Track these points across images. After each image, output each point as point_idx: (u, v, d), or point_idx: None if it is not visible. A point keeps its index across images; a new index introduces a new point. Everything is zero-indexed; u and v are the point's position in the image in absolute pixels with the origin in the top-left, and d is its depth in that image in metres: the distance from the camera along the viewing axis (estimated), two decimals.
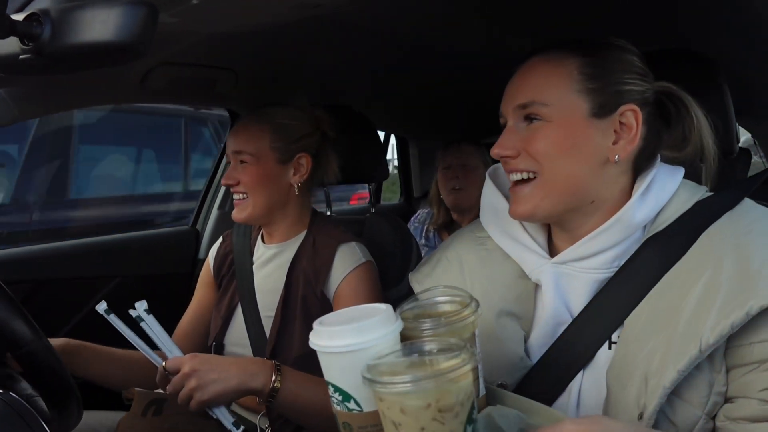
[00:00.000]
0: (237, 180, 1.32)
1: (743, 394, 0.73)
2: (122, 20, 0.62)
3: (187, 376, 1.04)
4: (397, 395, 0.59)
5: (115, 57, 0.65)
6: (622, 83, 0.83)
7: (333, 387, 0.69)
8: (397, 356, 0.64)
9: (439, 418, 0.58)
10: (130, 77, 1.34)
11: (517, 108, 0.85)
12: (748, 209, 0.81)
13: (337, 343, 0.66)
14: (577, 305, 0.85)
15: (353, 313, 0.73)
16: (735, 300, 0.70)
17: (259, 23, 1.05)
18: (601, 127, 0.82)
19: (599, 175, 0.83)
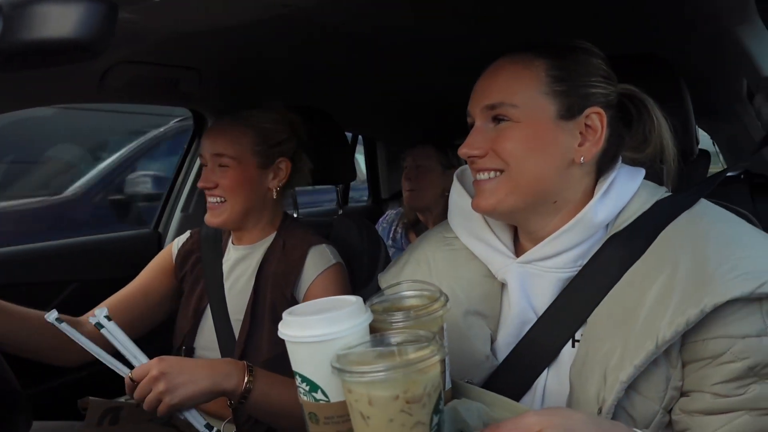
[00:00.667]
0: (215, 183, 1.29)
1: (697, 388, 0.75)
2: (79, 17, 0.60)
3: (154, 379, 1.01)
4: (366, 385, 0.59)
5: (72, 55, 0.63)
6: (588, 86, 0.85)
7: (300, 377, 0.69)
8: (366, 347, 0.65)
9: (407, 410, 0.59)
10: (87, 76, 1.30)
11: (485, 108, 0.86)
12: (704, 210, 0.83)
13: (306, 333, 0.66)
14: (541, 304, 0.86)
15: (323, 304, 0.73)
16: (690, 298, 0.73)
17: (224, 22, 1.03)
18: (568, 129, 0.84)
19: (564, 176, 0.85)
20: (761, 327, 0.72)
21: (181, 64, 1.43)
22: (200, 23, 1.03)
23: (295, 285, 1.28)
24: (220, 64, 1.48)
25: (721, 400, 0.73)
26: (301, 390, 0.69)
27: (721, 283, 0.72)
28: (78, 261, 1.87)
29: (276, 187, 1.34)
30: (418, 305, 0.73)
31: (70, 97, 1.56)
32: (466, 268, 0.94)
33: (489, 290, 0.92)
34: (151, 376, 1.01)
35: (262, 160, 1.32)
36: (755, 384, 0.72)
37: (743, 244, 0.77)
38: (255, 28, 1.08)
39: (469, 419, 0.68)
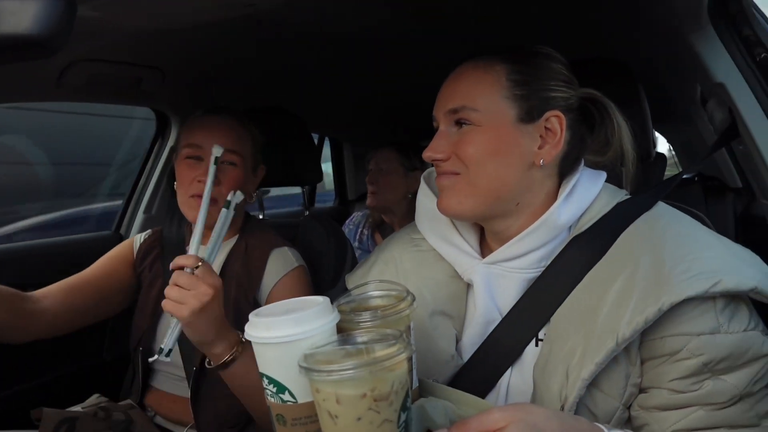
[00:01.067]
0: (219, 180, 1.24)
1: (655, 385, 0.77)
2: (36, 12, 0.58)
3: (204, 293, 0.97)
4: (334, 384, 0.59)
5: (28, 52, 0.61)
6: (547, 90, 0.86)
7: (267, 378, 0.68)
8: (333, 346, 0.65)
9: (375, 408, 0.59)
10: (45, 74, 1.27)
11: (448, 113, 0.88)
12: (661, 213, 0.86)
13: (273, 334, 0.66)
14: (506, 304, 0.88)
15: (290, 305, 0.73)
16: (649, 297, 0.75)
17: (188, 20, 1.02)
18: (528, 132, 0.86)
19: (525, 179, 0.86)
20: (715, 325, 0.75)
21: (144, 63, 1.40)
22: (163, 21, 1.01)
23: (258, 288, 1.27)
24: (183, 64, 1.45)
25: (678, 395, 0.76)
26: (268, 392, 0.69)
27: (677, 283, 0.74)
28: (36, 264, 1.81)
29: (252, 192, 1.33)
30: (385, 305, 0.74)
31: (26, 95, 1.51)
32: (433, 269, 0.95)
33: (455, 291, 0.93)
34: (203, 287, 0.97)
35: (253, 165, 1.32)
36: (709, 380, 0.75)
37: (698, 245, 0.79)
38: (219, 28, 1.07)
39: (435, 417, 0.68)
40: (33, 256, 1.83)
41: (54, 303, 1.24)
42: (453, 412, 0.70)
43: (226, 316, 1.25)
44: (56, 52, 0.62)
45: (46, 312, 1.22)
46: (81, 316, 1.29)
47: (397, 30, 1.36)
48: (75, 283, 1.30)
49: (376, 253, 1.05)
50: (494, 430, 0.62)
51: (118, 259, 1.39)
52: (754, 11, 1.11)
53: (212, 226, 1.18)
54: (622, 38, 1.43)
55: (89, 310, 1.30)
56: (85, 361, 1.77)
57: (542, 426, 0.63)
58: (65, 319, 1.26)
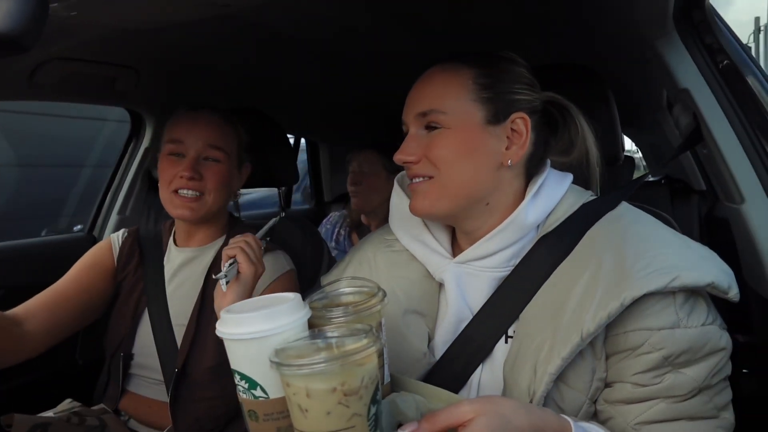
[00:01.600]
0: (201, 174, 1.23)
1: (619, 379, 0.80)
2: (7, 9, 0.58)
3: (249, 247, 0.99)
4: (304, 378, 0.60)
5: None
6: (512, 93, 0.89)
7: (239, 375, 0.69)
8: (304, 342, 0.66)
9: (344, 402, 0.60)
10: (16, 72, 1.24)
11: (417, 116, 0.90)
12: (624, 212, 0.89)
13: (244, 330, 0.66)
14: (477, 302, 0.90)
15: (261, 301, 0.73)
16: (611, 292, 0.77)
17: (163, 20, 1.02)
18: (495, 134, 0.88)
19: (494, 179, 0.89)
20: (675, 319, 0.77)
21: (119, 63, 1.39)
22: (138, 20, 1.01)
23: None
24: (158, 64, 1.44)
25: (640, 389, 0.78)
26: (240, 388, 0.69)
27: (637, 278, 0.77)
28: (5, 266, 1.78)
29: (238, 189, 1.34)
30: (356, 301, 0.75)
31: None
32: (406, 269, 0.97)
33: (427, 290, 0.95)
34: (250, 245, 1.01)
35: (238, 162, 1.32)
36: (670, 373, 0.78)
37: (658, 243, 0.82)
38: (195, 28, 1.07)
39: (407, 411, 0.70)
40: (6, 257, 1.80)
41: (39, 324, 1.22)
42: (424, 406, 0.71)
43: (209, 320, 1.25)
44: (27, 50, 0.61)
45: (31, 334, 1.20)
46: (64, 330, 1.27)
47: (373, 34, 1.37)
48: (56, 300, 1.27)
49: (351, 254, 1.07)
50: (463, 421, 0.64)
51: (96, 268, 1.35)
52: (716, 20, 1.15)
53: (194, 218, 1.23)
54: (591, 44, 1.46)
55: (72, 323, 1.29)
56: (58, 365, 1.73)
57: (510, 417, 0.65)
58: (50, 336, 1.24)
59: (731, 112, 1.09)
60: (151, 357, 1.28)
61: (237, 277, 0.97)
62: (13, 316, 1.19)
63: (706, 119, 1.11)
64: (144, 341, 1.30)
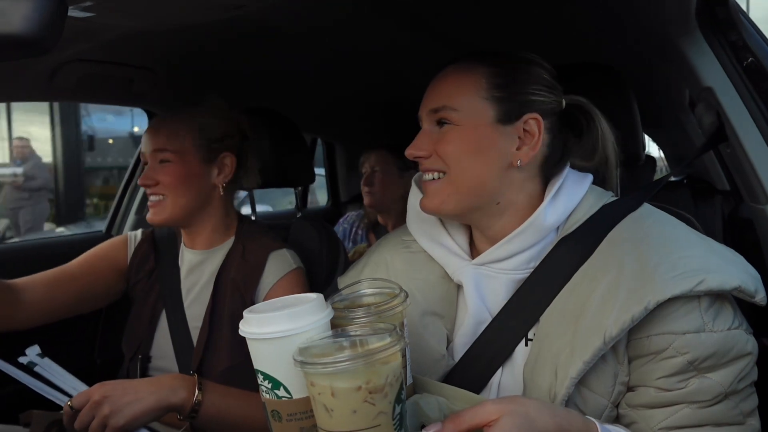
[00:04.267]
0: (156, 181, 1.24)
1: (642, 383, 0.79)
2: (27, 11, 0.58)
3: (97, 404, 0.97)
4: (328, 377, 0.60)
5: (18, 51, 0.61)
6: (527, 93, 0.88)
7: (263, 375, 0.68)
8: (327, 341, 0.66)
9: (370, 400, 0.60)
10: (37, 73, 1.26)
11: (430, 112, 0.90)
12: (647, 213, 0.88)
13: (268, 330, 0.66)
14: (496, 305, 0.89)
15: (284, 301, 0.73)
16: (635, 296, 0.76)
17: (179, 22, 1.02)
18: (506, 133, 0.88)
19: (504, 178, 0.88)
20: (700, 323, 0.76)
21: (136, 64, 1.40)
22: (154, 22, 1.01)
23: (255, 290, 1.26)
24: (175, 65, 1.45)
25: (664, 393, 0.77)
26: (263, 388, 0.69)
27: (662, 282, 0.76)
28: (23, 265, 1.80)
29: (222, 183, 1.30)
30: (378, 302, 0.75)
31: (18, 94, 1.51)
32: (424, 270, 0.96)
33: (446, 291, 0.94)
34: (93, 401, 0.97)
35: (205, 155, 1.28)
36: (695, 378, 0.76)
37: (682, 245, 0.80)
38: (210, 29, 1.07)
39: (429, 412, 0.69)
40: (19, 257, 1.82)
41: (35, 295, 1.24)
42: (447, 407, 0.71)
43: (221, 322, 1.25)
44: (47, 52, 0.62)
45: (27, 304, 1.22)
46: (59, 309, 1.29)
47: (388, 34, 1.36)
48: (58, 277, 1.29)
49: (368, 255, 1.06)
50: (488, 421, 0.63)
51: (107, 260, 1.37)
52: (741, 17, 1.12)
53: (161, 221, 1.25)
54: (612, 43, 1.44)
55: (69, 304, 1.30)
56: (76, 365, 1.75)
57: (535, 417, 0.64)
58: (44, 312, 1.26)
59: (756, 111, 1.07)
60: (169, 359, 1.29)
61: None
62: (10, 284, 1.22)
63: (730, 118, 1.08)
64: (161, 343, 1.31)
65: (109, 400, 0.97)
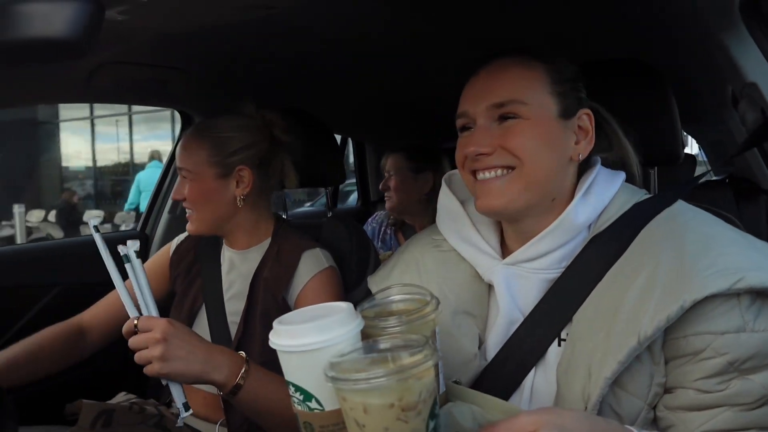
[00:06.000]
0: (183, 196, 1.31)
1: (680, 385, 0.76)
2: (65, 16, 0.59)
3: (155, 341, 0.97)
4: (361, 394, 0.58)
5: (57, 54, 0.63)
6: (577, 90, 0.90)
7: (294, 386, 0.68)
8: (359, 354, 0.64)
9: (403, 417, 0.58)
10: (75, 75, 1.29)
11: (490, 107, 0.87)
12: (682, 210, 0.85)
13: (298, 342, 0.65)
14: (527, 304, 0.87)
15: (313, 311, 0.72)
16: (671, 294, 0.74)
17: (210, 23, 1.03)
18: (568, 127, 0.88)
19: (563, 173, 0.88)
20: (740, 323, 0.73)
21: (169, 65, 1.42)
22: (186, 24, 1.02)
23: (287, 289, 1.28)
24: (207, 66, 1.47)
25: (704, 395, 0.74)
26: (295, 399, 0.68)
27: (699, 279, 0.73)
28: (62, 264, 1.85)
29: (241, 195, 1.31)
30: (409, 309, 0.73)
31: (57, 96, 1.55)
32: (455, 270, 0.95)
33: (477, 291, 0.93)
34: (153, 336, 0.98)
35: (221, 170, 1.29)
36: (736, 379, 0.73)
37: (720, 242, 0.78)
38: (241, 30, 1.08)
39: (463, 422, 0.68)
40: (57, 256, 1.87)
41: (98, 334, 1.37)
42: (481, 417, 0.70)
43: (254, 320, 1.27)
44: (85, 55, 0.63)
45: (90, 343, 1.36)
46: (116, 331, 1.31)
47: (418, 34, 1.36)
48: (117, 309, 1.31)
49: (398, 255, 1.05)
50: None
51: (156, 273, 1.43)
52: None
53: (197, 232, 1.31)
54: (649, 38, 1.41)
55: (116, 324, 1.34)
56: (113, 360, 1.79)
57: (572, 428, 0.62)
58: (106, 342, 1.38)
59: None
60: None
61: None
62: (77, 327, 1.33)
63: None
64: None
65: (167, 344, 0.98)
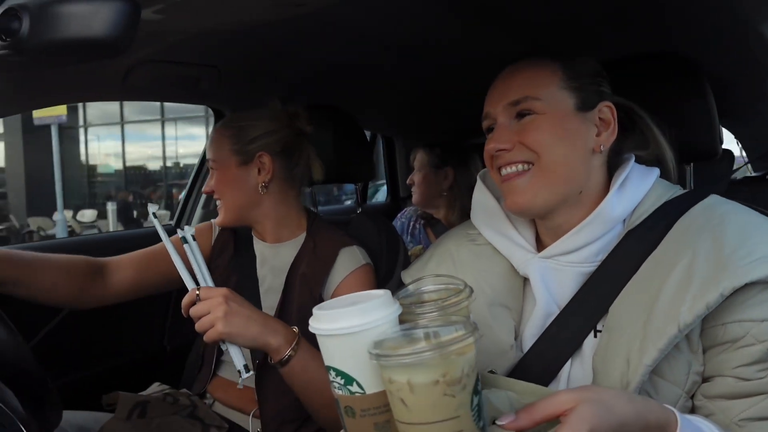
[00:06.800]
0: (212, 188, 1.35)
1: (719, 373, 0.76)
2: (103, 16, 0.61)
3: (218, 303, 1.03)
4: (406, 371, 0.59)
5: (95, 54, 0.64)
6: (597, 84, 0.92)
7: (335, 371, 0.68)
8: (400, 334, 0.65)
9: (449, 392, 0.59)
10: (111, 74, 1.33)
11: (507, 105, 0.90)
12: (719, 201, 0.86)
13: (338, 325, 0.66)
14: (563, 297, 0.88)
15: (352, 298, 0.74)
16: (710, 282, 0.74)
17: (242, 21, 1.05)
18: (587, 119, 0.90)
19: (587, 165, 0.89)
20: None
21: (202, 63, 1.45)
22: (219, 22, 1.04)
23: (323, 285, 1.29)
24: (239, 63, 1.49)
25: (744, 383, 0.74)
26: (336, 384, 0.69)
27: (739, 267, 0.73)
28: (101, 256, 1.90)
29: (263, 182, 1.33)
30: (442, 298, 0.74)
31: (94, 94, 1.59)
32: (490, 263, 0.97)
33: (512, 284, 0.94)
34: (215, 300, 1.04)
35: (242, 158, 1.33)
36: None
37: (759, 230, 0.78)
38: (272, 27, 1.09)
39: (500, 407, 0.68)
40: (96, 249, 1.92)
41: (123, 279, 1.36)
42: (518, 402, 0.70)
43: (290, 315, 1.28)
44: (121, 54, 0.65)
45: (119, 282, 1.35)
46: (145, 289, 1.39)
47: (448, 32, 1.35)
48: (147, 261, 1.39)
49: (433, 248, 1.07)
50: (563, 410, 0.61)
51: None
52: None
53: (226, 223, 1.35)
54: (686, 30, 1.37)
55: (154, 285, 1.40)
56: (147, 351, 1.84)
57: (612, 404, 0.62)
58: (131, 291, 1.37)
59: None
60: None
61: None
62: (102, 265, 1.34)
63: None
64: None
65: (229, 305, 1.03)
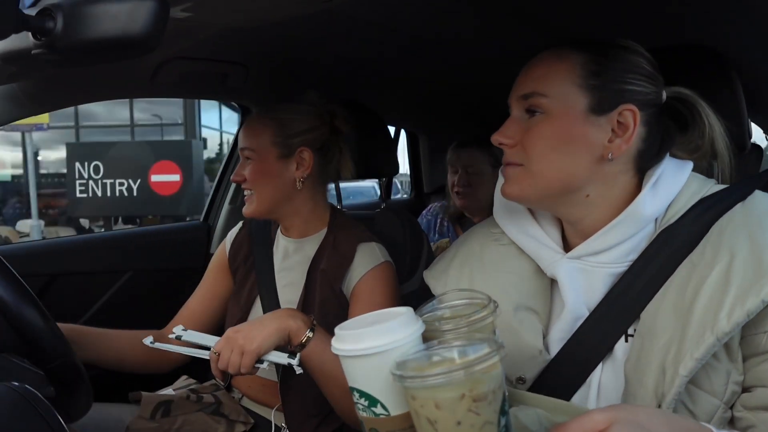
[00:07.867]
0: (243, 177, 1.34)
1: (759, 383, 0.74)
2: (133, 15, 0.63)
3: (232, 339, 1.08)
4: (430, 389, 0.58)
5: (126, 51, 0.66)
6: (623, 83, 0.83)
7: (358, 392, 0.67)
8: (423, 353, 0.64)
9: (474, 409, 0.58)
10: (141, 71, 1.35)
11: (519, 98, 0.87)
12: (759, 201, 0.81)
13: (362, 346, 0.65)
14: (593, 299, 0.85)
15: (373, 317, 0.72)
16: (750, 288, 0.71)
17: (269, 17, 1.06)
18: (598, 124, 0.83)
19: (594, 171, 0.84)
20: None
21: (229, 60, 1.47)
22: (247, 19, 1.05)
23: (344, 280, 1.29)
24: (266, 59, 1.51)
25: None
26: (360, 406, 0.68)
27: None
28: (133, 251, 1.95)
29: (300, 177, 1.34)
30: (467, 313, 0.72)
31: (125, 91, 1.62)
32: (515, 264, 0.93)
33: (539, 286, 0.90)
34: (228, 338, 1.09)
35: (283, 151, 1.33)
36: None
37: None
38: (299, 23, 1.10)
39: (530, 425, 0.67)
40: (128, 244, 1.98)
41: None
42: (547, 420, 0.68)
43: (311, 311, 1.29)
44: (151, 51, 0.66)
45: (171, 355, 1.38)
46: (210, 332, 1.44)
47: (473, 25, 1.34)
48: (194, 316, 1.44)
49: (455, 248, 1.03)
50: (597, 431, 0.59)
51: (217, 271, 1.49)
52: None
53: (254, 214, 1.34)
54: (714, 22, 1.34)
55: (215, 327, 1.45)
56: None
57: (647, 424, 0.60)
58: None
59: None
60: None
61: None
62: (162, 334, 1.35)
63: None
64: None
65: (241, 333, 1.09)
